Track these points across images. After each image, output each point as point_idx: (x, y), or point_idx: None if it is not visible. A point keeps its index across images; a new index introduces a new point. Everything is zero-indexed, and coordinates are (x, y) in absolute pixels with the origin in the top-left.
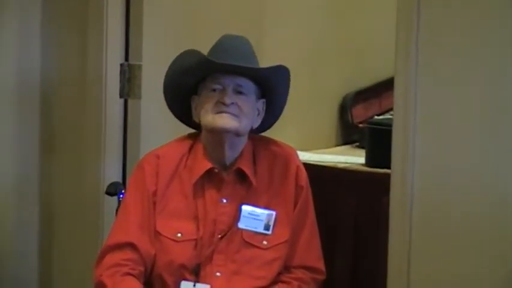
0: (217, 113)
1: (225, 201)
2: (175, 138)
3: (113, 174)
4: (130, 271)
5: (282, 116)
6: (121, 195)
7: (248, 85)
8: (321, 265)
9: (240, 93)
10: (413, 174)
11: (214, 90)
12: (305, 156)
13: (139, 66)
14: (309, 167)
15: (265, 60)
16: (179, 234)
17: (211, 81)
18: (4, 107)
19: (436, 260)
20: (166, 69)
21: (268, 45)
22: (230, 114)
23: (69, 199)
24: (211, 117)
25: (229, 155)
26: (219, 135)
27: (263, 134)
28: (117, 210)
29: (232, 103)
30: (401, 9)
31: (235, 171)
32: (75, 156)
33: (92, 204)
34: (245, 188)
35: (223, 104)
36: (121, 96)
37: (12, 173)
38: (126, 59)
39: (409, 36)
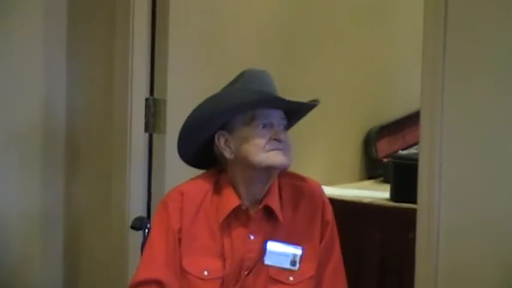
0: (271, 150)
1: (252, 237)
2: (199, 174)
3: (137, 209)
4: None
5: (306, 150)
6: (146, 230)
7: (285, 119)
8: None
9: (284, 127)
10: (440, 210)
11: (261, 127)
12: (329, 190)
13: (164, 101)
14: (333, 201)
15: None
16: (206, 272)
17: (259, 117)
18: (31, 140)
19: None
20: (191, 103)
21: (295, 79)
22: (283, 151)
23: (94, 233)
24: (265, 155)
25: (263, 191)
26: (267, 172)
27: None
28: (142, 245)
29: (284, 139)
30: (427, 42)
31: (262, 208)
32: (101, 190)
33: (118, 238)
34: (271, 223)
35: (278, 141)
36: (146, 130)
37: (38, 203)
38: (151, 93)
39: (435, 71)
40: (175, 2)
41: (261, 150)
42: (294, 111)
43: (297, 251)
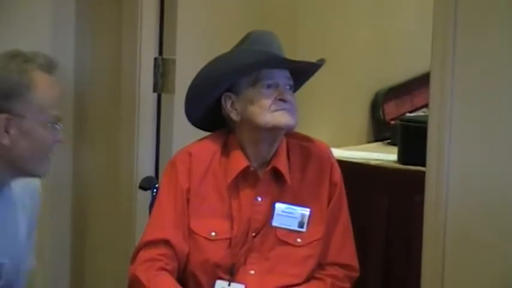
0: (277, 110)
1: (259, 199)
2: (208, 135)
3: (146, 169)
4: (165, 266)
5: (313, 112)
6: (154, 190)
7: (291, 79)
8: (354, 262)
9: (290, 88)
10: (448, 172)
11: (267, 87)
12: (336, 152)
13: (173, 61)
14: (341, 163)
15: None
16: (213, 233)
17: (264, 78)
18: None
19: (471, 260)
20: (200, 63)
21: (301, 40)
22: (289, 111)
23: (102, 193)
24: (270, 115)
25: (271, 152)
26: (273, 133)
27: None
28: (150, 205)
29: (289, 100)
30: (438, 5)
31: (270, 169)
32: (109, 150)
33: (126, 198)
34: (279, 185)
35: (284, 101)
36: (154, 90)
37: None
38: (160, 53)
39: (446, 33)
40: None
41: (266, 110)
42: (301, 72)
43: (305, 212)
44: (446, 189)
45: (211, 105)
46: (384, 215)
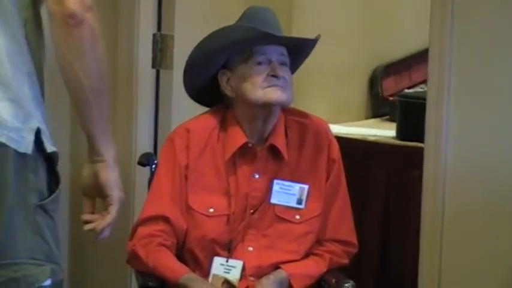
0: (269, 87)
1: (257, 176)
2: (206, 111)
3: (144, 145)
4: (164, 242)
5: (311, 89)
6: (153, 166)
7: (287, 56)
8: (353, 238)
9: (284, 64)
10: (447, 148)
11: (259, 63)
12: (334, 129)
13: (172, 37)
14: (339, 139)
15: (294, 32)
16: (211, 210)
17: (255, 54)
18: None
19: (469, 234)
20: (198, 39)
21: (297, 16)
22: (281, 87)
23: None
24: (261, 92)
25: (267, 129)
26: (266, 109)
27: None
28: (149, 181)
29: (282, 76)
30: None
31: (268, 146)
32: None
33: (124, 174)
34: (277, 162)
35: (276, 77)
36: (153, 66)
37: None
38: (159, 29)
39: (444, 8)
40: None
41: (258, 87)
42: (297, 49)
43: (303, 189)
44: (445, 165)
45: (208, 81)
46: (382, 190)
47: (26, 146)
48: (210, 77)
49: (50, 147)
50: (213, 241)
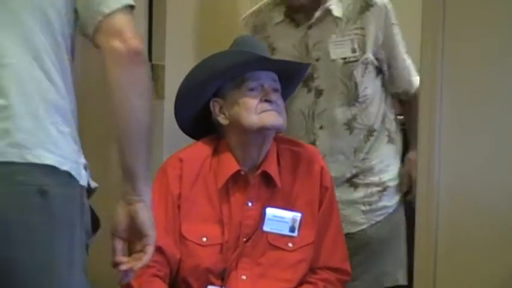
0: (263, 111)
1: (250, 204)
2: (198, 141)
3: None
4: (157, 272)
5: None
6: None
7: (278, 82)
8: (346, 266)
9: (276, 90)
10: (440, 170)
11: (252, 89)
12: None
13: (163, 67)
14: None
15: None
16: (204, 239)
17: (248, 80)
18: None
19: (463, 256)
20: (190, 69)
21: None
22: (276, 112)
23: (94, 200)
24: (256, 117)
25: (260, 156)
26: (261, 134)
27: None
28: None
29: (275, 101)
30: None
31: (261, 173)
32: (100, 157)
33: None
34: (270, 190)
35: (269, 101)
36: None
37: None
38: (150, 59)
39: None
40: None
41: (252, 112)
42: (288, 75)
43: (296, 217)
44: (438, 186)
45: (200, 111)
46: None
47: (84, 179)
48: (201, 107)
49: (93, 184)
50: (207, 270)
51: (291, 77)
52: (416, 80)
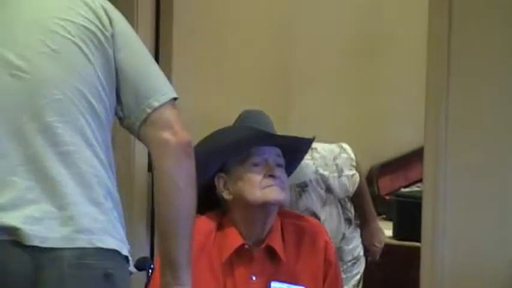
0: (267, 187)
1: (254, 278)
2: (203, 215)
3: (140, 249)
4: None
5: None
6: (150, 270)
7: (282, 157)
8: None
9: (279, 166)
10: (444, 248)
11: (256, 164)
12: None
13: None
14: None
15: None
16: None
17: (252, 155)
18: None
19: None
20: (194, 144)
21: (294, 116)
22: (279, 187)
23: None
24: (260, 192)
25: (265, 230)
26: (264, 209)
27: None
28: (145, 286)
29: (279, 176)
30: (430, 82)
31: (265, 247)
32: None
33: None
34: (274, 264)
35: (273, 177)
36: (149, 170)
37: None
38: None
39: (438, 108)
40: (178, 4)
41: (256, 187)
42: (292, 150)
43: None
44: (442, 265)
45: (205, 187)
46: None
47: (131, 264)
48: (206, 182)
49: (132, 269)
50: None
51: (295, 151)
52: None
